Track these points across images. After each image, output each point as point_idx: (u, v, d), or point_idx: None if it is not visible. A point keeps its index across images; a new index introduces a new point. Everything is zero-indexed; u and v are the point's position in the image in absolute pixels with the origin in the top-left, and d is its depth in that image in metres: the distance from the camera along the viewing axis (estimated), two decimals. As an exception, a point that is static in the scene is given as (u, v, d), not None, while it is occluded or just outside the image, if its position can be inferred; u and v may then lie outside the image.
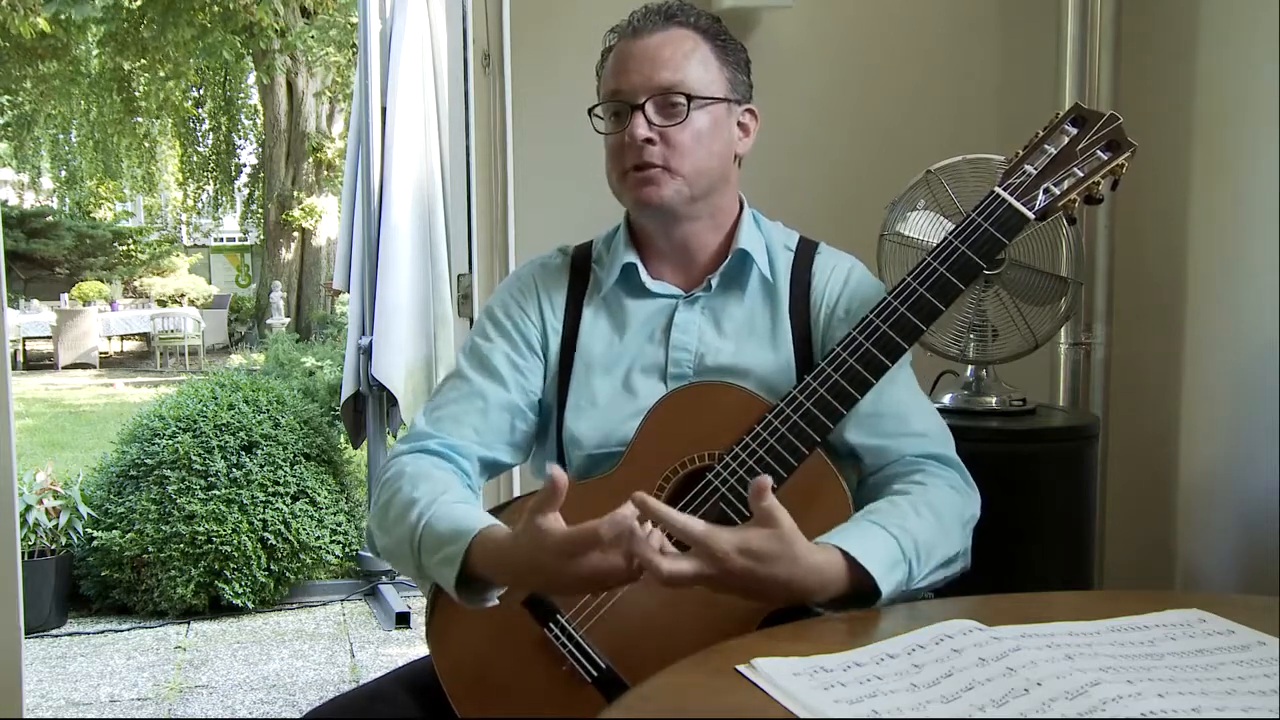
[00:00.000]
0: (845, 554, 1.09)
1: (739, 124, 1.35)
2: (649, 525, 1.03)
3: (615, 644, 1.19)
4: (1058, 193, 1.24)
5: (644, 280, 1.36)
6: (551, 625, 1.22)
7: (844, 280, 1.36)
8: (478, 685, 1.24)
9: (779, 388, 1.26)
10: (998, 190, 1.25)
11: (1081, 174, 1.24)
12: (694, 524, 1.03)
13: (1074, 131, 1.26)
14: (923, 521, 1.18)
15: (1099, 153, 1.25)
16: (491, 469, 1.37)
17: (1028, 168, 1.26)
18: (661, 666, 0.94)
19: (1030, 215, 1.24)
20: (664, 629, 1.19)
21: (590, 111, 1.34)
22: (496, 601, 1.17)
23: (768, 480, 1.04)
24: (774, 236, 1.39)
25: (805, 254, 1.39)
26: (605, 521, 1.00)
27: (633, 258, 1.36)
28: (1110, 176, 1.25)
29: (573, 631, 1.21)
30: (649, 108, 1.28)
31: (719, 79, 1.31)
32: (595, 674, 1.20)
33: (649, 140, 1.28)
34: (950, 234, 1.25)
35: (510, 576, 1.13)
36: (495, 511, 1.28)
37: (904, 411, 1.31)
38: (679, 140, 1.28)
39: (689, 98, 1.28)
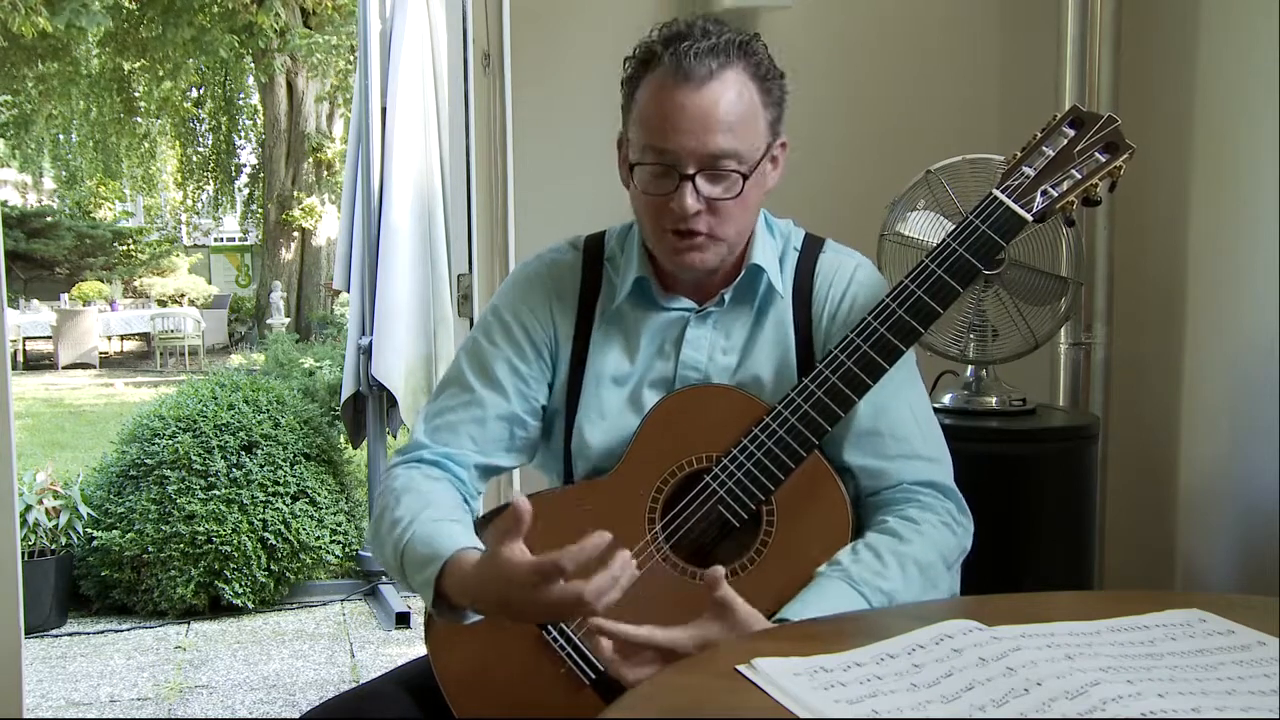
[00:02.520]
0: None
1: (772, 158, 1.28)
2: (620, 564, 1.01)
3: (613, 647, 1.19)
4: (1055, 195, 1.23)
5: (656, 296, 1.32)
6: (549, 628, 1.21)
7: (847, 282, 1.32)
8: (476, 687, 1.23)
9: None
10: (995, 192, 1.24)
11: (1080, 176, 1.24)
12: (656, 635, 1.03)
13: (1072, 133, 1.25)
14: (906, 579, 1.17)
15: (1097, 154, 1.24)
16: (490, 473, 1.35)
17: (1026, 169, 1.24)
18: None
19: (1028, 218, 1.23)
20: None
21: (633, 166, 1.24)
22: (479, 618, 1.16)
23: (720, 571, 1.05)
24: (785, 239, 1.35)
25: (809, 254, 1.34)
26: (566, 554, 0.99)
27: (645, 273, 1.32)
28: (1108, 178, 1.25)
29: (570, 634, 1.21)
30: (700, 179, 1.20)
31: (765, 129, 1.24)
32: (594, 676, 1.19)
33: (697, 212, 1.21)
34: (948, 236, 1.24)
35: (479, 604, 1.13)
36: (487, 518, 1.29)
37: (907, 433, 1.28)
38: (728, 210, 1.22)
39: (745, 175, 1.21)
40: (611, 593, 1.00)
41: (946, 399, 1.90)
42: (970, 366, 1.90)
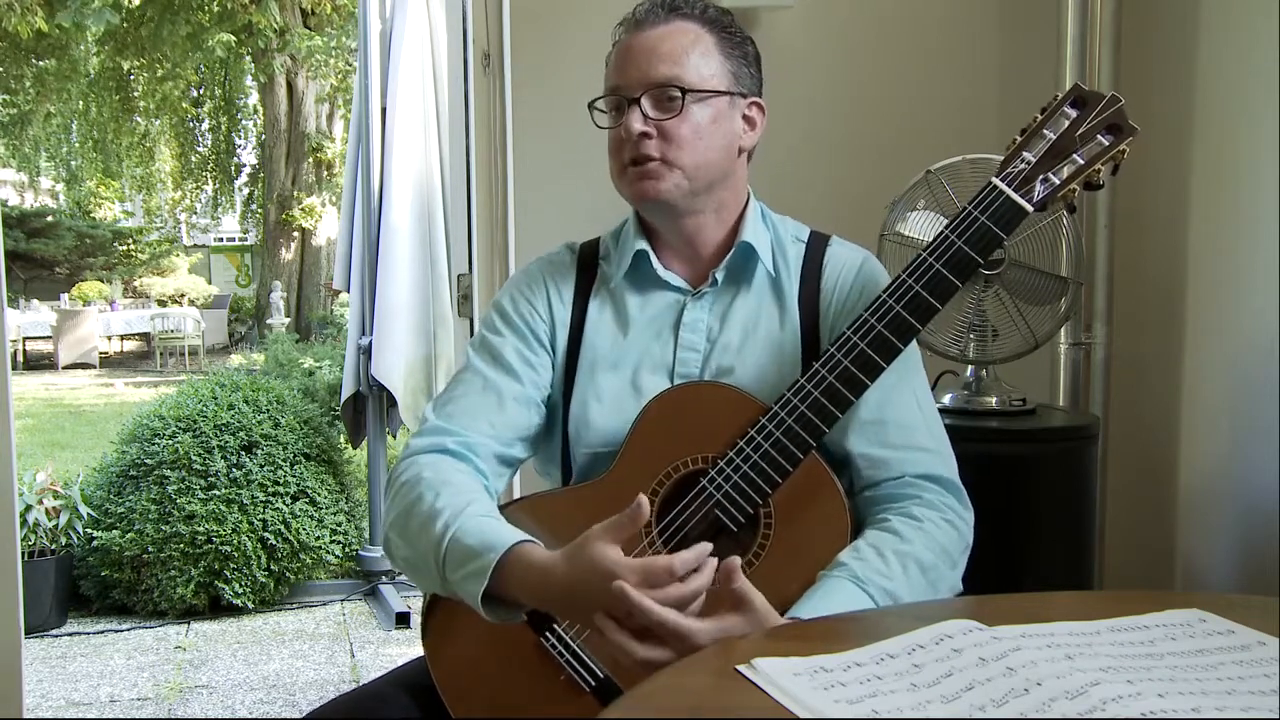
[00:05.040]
0: None
1: (744, 117, 1.33)
2: (712, 572, 1.04)
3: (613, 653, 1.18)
4: (1057, 182, 1.19)
5: (655, 269, 1.34)
6: (548, 634, 1.20)
7: (855, 273, 1.33)
8: (475, 693, 1.23)
9: (787, 385, 1.22)
10: (995, 181, 1.20)
11: (1082, 161, 1.19)
12: (669, 617, 1.02)
13: (1074, 114, 1.21)
14: (909, 580, 1.17)
15: (1100, 138, 1.19)
16: (508, 465, 1.33)
17: (1026, 155, 1.20)
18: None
19: (1029, 208, 1.19)
20: None
21: (591, 105, 1.33)
22: (524, 619, 1.15)
23: (736, 561, 1.04)
24: (782, 230, 1.37)
25: (816, 247, 1.36)
26: (679, 559, 1.01)
27: (644, 245, 1.34)
28: (1111, 162, 1.20)
29: (569, 640, 1.20)
30: (645, 101, 1.27)
31: (721, 72, 1.29)
32: (593, 683, 1.19)
33: (645, 134, 1.26)
34: (946, 228, 1.21)
35: (543, 599, 1.10)
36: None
37: (911, 422, 1.27)
38: (676, 133, 1.26)
39: (684, 91, 1.26)
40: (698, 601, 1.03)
41: (946, 399, 1.90)
42: (970, 366, 1.90)
